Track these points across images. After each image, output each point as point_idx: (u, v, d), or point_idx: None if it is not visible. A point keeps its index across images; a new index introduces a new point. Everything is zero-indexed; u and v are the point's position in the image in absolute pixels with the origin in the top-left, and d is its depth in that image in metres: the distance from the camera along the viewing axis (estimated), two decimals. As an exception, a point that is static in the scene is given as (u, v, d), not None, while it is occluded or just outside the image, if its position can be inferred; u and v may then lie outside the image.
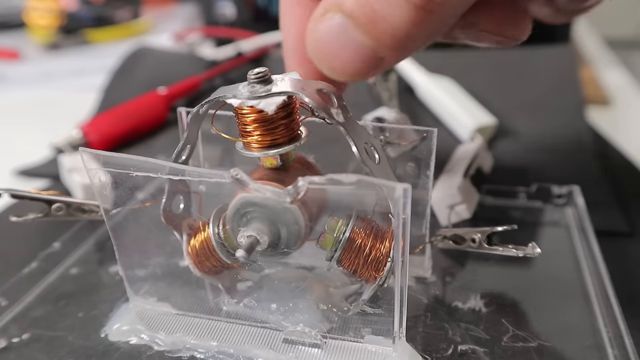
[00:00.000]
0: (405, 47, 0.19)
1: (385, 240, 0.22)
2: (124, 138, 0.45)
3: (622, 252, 0.30)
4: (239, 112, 0.22)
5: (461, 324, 0.25)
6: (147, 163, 0.22)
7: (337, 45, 0.20)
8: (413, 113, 0.46)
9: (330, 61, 0.20)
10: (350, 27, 0.19)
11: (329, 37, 0.20)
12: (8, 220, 0.28)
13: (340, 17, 0.19)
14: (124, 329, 0.25)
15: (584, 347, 0.24)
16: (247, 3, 0.68)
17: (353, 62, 0.20)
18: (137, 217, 0.25)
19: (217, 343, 0.24)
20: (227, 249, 0.24)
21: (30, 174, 0.42)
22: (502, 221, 0.25)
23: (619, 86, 0.58)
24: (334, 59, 0.20)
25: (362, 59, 0.20)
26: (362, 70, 0.20)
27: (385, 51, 0.19)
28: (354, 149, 0.21)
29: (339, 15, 0.19)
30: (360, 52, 0.19)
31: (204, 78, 0.53)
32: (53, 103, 0.58)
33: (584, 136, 0.43)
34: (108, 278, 0.29)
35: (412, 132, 0.28)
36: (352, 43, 0.19)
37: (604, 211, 0.33)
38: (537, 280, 0.28)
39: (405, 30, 0.18)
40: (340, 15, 0.19)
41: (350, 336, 0.24)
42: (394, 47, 0.19)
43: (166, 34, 0.75)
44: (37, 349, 0.24)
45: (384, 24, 0.18)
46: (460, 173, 0.32)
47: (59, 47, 0.76)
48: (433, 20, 0.19)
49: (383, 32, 0.19)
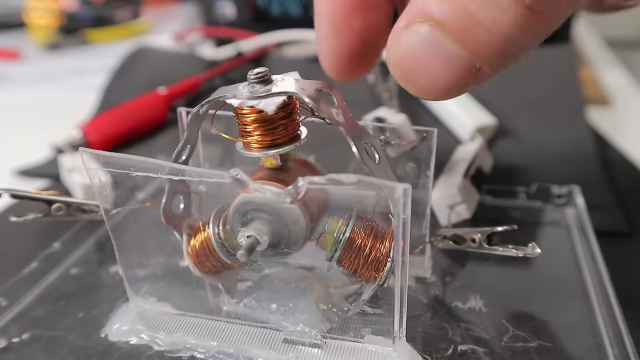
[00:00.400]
0: (506, 56, 0.17)
1: (385, 240, 0.22)
2: (124, 138, 0.45)
3: (622, 252, 0.30)
4: (239, 112, 0.22)
5: (461, 324, 0.25)
6: (147, 163, 0.22)
7: (426, 60, 0.18)
8: (413, 113, 0.46)
9: (418, 78, 0.18)
10: (441, 37, 0.17)
11: (415, 51, 0.18)
12: (8, 220, 0.28)
13: (428, 28, 0.17)
14: (124, 329, 0.25)
15: (584, 347, 0.24)
16: (247, 3, 0.68)
17: (445, 76, 0.18)
18: (137, 217, 0.25)
19: (217, 343, 0.24)
20: (227, 249, 0.24)
21: (30, 174, 0.42)
22: (502, 221, 0.25)
23: (619, 86, 0.58)
24: (422, 75, 0.18)
25: (456, 73, 0.17)
26: (456, 85, 0.18)
27: (483, 62, 0.17)
28: (354, 149, 0.21)
29: (427, 25, 0.17)
30: (453, 65, 0.17)
31: (204, 78, 0.53)
32: (53, 103, 0.58)
33: (584, 136, 0.43)
34: (108, 278, 0.29)
35: (412, 132, 0.28)
36: (444, 55, 0.17)
37: (604, 211, 0.34)
38: (537, 280, 0.28)
39: (509, 37, 0.16)
40: (429, 25, 0.17)
41: (350, 336, 0.24)
42: (493, 57, 0.17)
43: (166, 34, 0.75)
44: (37, 349, 0.24)
45: (482, 31, 0.16)
46: (460, 173, 0.32)
47: (59, 47, 0.76)
48: (544, 22, 0.16)
49: (481, 40, 0.17)
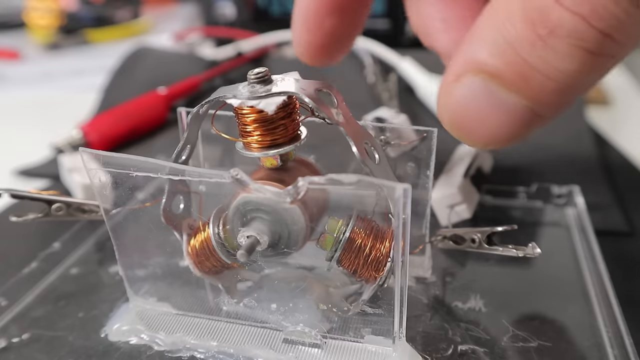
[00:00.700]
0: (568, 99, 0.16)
1: (385, 240, 0.22)
2: (124, 138, 0.45)
3: (622, 252, 0.30)
4: (239, 112, 0.22)
5: (461, 324, 0.25)
6: (147, 163, 0.22)
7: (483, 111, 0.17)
8: (413, 113, 0.46)
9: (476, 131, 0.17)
10: (496, 88, 0.16)
11: (469, 105, 0.17)
12: (8, 220, 0.28)
13: (480, 80, 0.16)
14: (124, 329, 0.25)
15: (584, 347, 0.24)
16: (247, 3, 0.68)
17: (504, 127, 0.17)
18: (137, 217, 0.25)
19: (217, 343, 0.24)
20: (227, 249, 0.24)
21: (30, 174, 0.42)
22: (502, 221, 0.25)
23: (619, 86, 0.58)
24: (480, 128, 0.17)
25: (516, 122, 0.17)
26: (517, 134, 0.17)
27: (544, 107, 0.16)
28: (354, 149, 0.21)
29: (479, 77, 0.16)
30: (513, 114, 0.16)
31: (204, 78, 0.53)
32: (53, 103, 0.58)
33: (584, 136, 0.43)
34: (108, 278, 0.29)
35: (412, 132, 0.28)
36: (502, 106, 0.16)
37: (604, 211, 0.34)
38: (537, 280, 0.28)
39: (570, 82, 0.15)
40: (481, 77, 0.16)
41: (350, 336, 0.24)
42: (554, 101, 0.16)
43: (166, 34, 0.75)
44: (37, 349, 0.24)
45: (542, 79, 0.16)
46: (460, 173, 0.32)
47: (59, 47, 0.76)
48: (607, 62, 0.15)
49: (540, 86, 0.16)
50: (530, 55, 0.15)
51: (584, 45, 0.15)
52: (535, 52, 0.15)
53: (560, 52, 0.15)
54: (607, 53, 0.15)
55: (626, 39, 0.15)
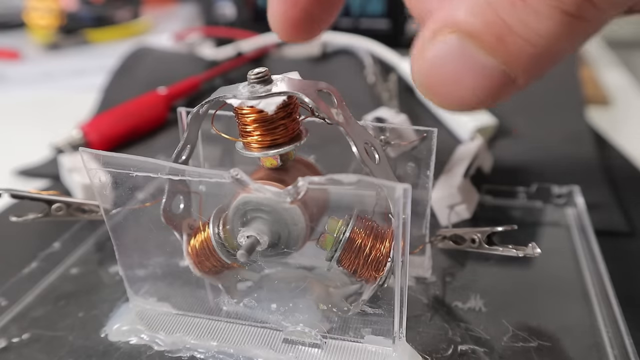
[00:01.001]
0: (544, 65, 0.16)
1: (385, 240, 0.22)
2: (124, 138, 0.45)
3: (622, 252, 0.30)
4: (239, 112, 0.22)
5: (461, 324, 0.25)
6: (147, 163, 0.22)
7: (456, 71, 0.16)
8: (413, 113, 0.46)
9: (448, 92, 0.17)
10: (472, 48, 0.16)
11: (443, 64, 0.16)
12: (8, 220, 0.28)
13: (456, 38, 0.16)
14: (124, 329, 0.25)
15: (584, 347, 0.24)
16: (247, 3, 0.68)
17: (477, 88, 0.16)
18: (137, 217, 0.25)
19: (217, 343, 0.24)
20: (227, 249, 0.24)
21: (30, 174, 0.42)
22: (502, 221, 0.25)
23: (619, 86, 0.58)
24: (452, 90, 0.17)
25: (489, 84, 0.16)
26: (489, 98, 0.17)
27: (520, 72, 0.16)
28: (354, 149, 0.21)
29: (455, 35, 0.16)
30: (487, 76, 0.16)
31: (204, 78, 0.53)
32: (53, 103, 0.58)
33: (584, 136, 0.43)
34: (108, 278, 0.29)
35: (412, 132, 0.28)
36: (476, 66, 0.16)
37: (604, 211, 0.34)
38: (537, 280, 0.28)
39: (548, 45, 0.15)
40: (457, 36, 0.16)
41: (350, 336, 0.24)
42: (530, 67, 0.16)
43: (166, 34, 0.75)
44: (37, 349, 0.24)
45: (519, 41, 0.15)
46: (460, 173, 0.32)
47: (59, 47, 0.76)
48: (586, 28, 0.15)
49: (518, 50, 0.15)
50: (509, 15, 0.15)
51: (563, 7, 0.15)
52: (515, 13, 0.15)
53: (539, 13, 0.15)
54: (586, 17, 0.15)
55: (605, 4, 0.15)
